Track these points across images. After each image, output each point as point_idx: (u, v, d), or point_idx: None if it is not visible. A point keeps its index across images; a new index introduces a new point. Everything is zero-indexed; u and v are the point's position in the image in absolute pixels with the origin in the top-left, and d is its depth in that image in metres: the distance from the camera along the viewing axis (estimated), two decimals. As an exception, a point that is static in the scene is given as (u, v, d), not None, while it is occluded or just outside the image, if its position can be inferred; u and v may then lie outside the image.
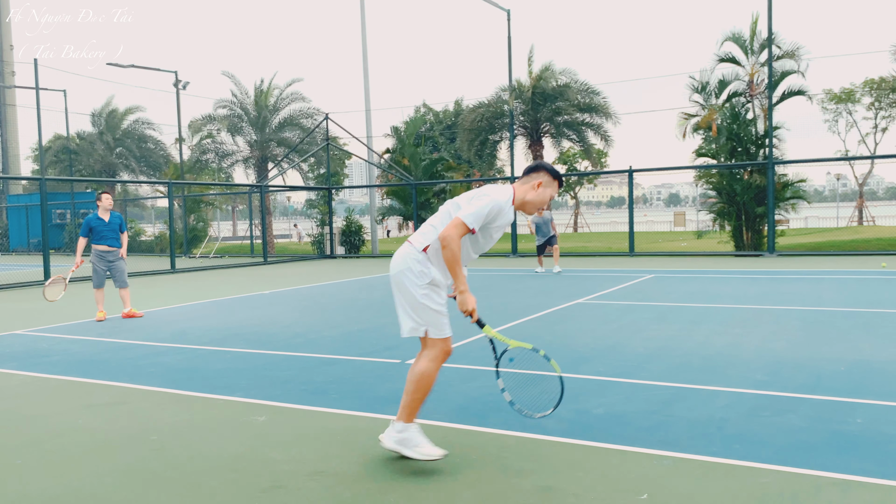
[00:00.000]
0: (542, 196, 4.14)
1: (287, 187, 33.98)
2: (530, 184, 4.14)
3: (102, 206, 10.59)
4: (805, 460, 3.93)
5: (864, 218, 42.80)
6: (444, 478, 3.86)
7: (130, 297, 11.45)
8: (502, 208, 3.99)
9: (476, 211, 3.91)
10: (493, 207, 3.95)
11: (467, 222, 3.89)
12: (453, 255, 3.87)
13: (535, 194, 4.13)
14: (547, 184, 4.14)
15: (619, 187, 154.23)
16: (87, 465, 4.22)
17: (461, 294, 3.94)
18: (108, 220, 10.57)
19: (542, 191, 4.13)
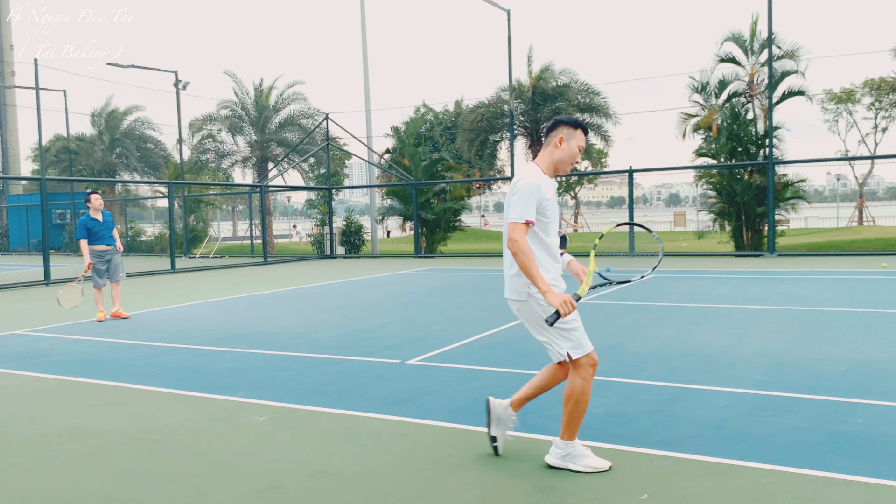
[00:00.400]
0: (569, 149, 3.95)
1: (287, 187, 33.99)
2: (552, 144, 3.98)
3: (93, 207, 10.58)
4: (805, 460, 3.93)
5: (864, 218, 42.77)
6: (444, 478, 3.87)
7: (121, 297, 11.40)
8: (538, 185, 3.83)
9: (520, 205, 3.79)
10: (530, 191, 3.80)
11: (519, 220, 3.77)
12: (526, 256, 3.72)
13: (561, 151, 3.96)
14: (569, 136, 3.96)
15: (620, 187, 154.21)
16: (87, 465, 4.22)
17: (545, 295, 3.73)
18: (102, 220, 10.61)
19: (566, 145, 3.96)
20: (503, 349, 7.31)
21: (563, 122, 3.99)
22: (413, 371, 6.43)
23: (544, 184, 3.88)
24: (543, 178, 3.90)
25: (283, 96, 32.79)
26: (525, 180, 3.84)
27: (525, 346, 7.42)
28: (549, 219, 3.91)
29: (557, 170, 4.01)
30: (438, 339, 8.01)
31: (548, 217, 3.90)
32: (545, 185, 3.88)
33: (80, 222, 10.50)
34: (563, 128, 3.97)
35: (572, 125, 3.97)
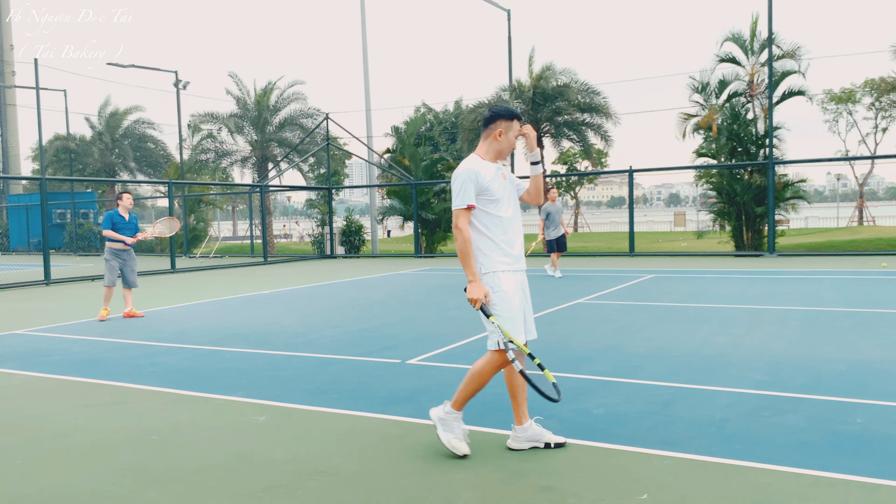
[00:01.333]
0: (508, 140, 4.22)
1: (287, 187, 33.98)
2: (492, 136, 4.22)
3: (123, 205, 10.75)
4: (805, 460, 3.93)
5: (864, 218, 42.77)
6: (444, 478, 3.87)
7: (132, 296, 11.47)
8: (475, 171, 4.10)
9: (458, 192, 4.09)
10: (465, 177, 4.09)
11: (461, 206, 4.08)
12: (463, 242, 4.06)
13: (500, 143, 4.22)
14: (507, 128, 4.21)
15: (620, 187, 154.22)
16: (87, 465, 4.22)
17: (470, 283, 4.06)
18: (127, 219, 10.73)
19: (505, 137, 4.21)
20: (503, 349, 7.30)
21: (502, 115, 4.21)
22: (413, 371, 6.43)
23: (482, 169, 4.14)
24: (482, 164, 4.17)
25: (284, 96, 32.78)
26: (460, 168, 4.15)
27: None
28: (495, 197, 4.15)
29: (499, 157, 4.28)
30: (438, 339, 8.01)
31: (494, 195, 4.14)
32: (483, 169, 4.14)
33: (108, 215, 10.64)
34: (502, 121, 4.21)
35: (509, 117, 4.21)
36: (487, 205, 4.13)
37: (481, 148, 4.27)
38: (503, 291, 4.10)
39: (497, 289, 4.10)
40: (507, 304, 4.11)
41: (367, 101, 26.91)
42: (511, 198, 4.26)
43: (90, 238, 33.82)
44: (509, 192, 4.25)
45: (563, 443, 4.29)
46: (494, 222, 4.15)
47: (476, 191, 4.09)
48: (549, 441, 4.26)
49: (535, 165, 4.30)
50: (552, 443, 4.26)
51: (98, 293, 14.34)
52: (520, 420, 4.28)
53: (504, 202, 4.19)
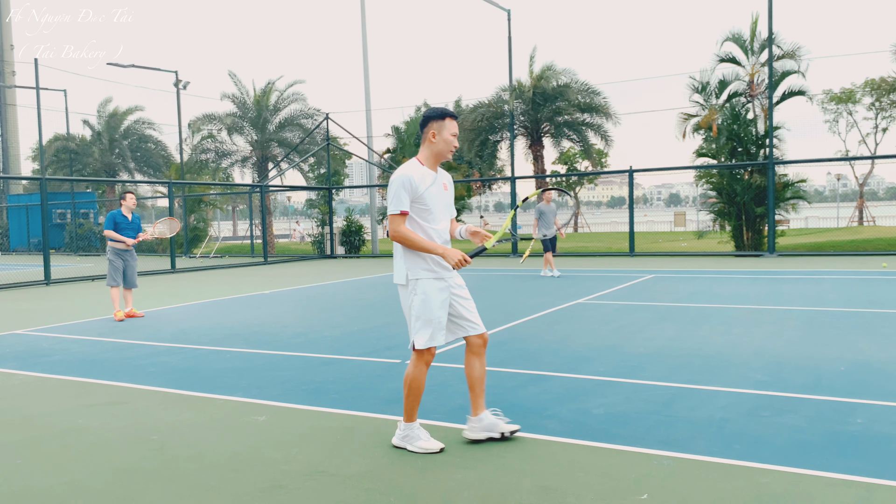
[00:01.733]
0: (443, 140, 4.24)
1: (287, 187, 33.98)
2: (427, 139, 4.28)
3: (126, 205, 10.76)
4: (805, 460, 3.93)
5: (864, 218, 42.76)
6: (445, 478, 3.87)
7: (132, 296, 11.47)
8: (409, 177, 4.16)
9: (393, 198, 4.16)
10: (399, 183, 4.16)
11: (395, 212, 4.16)
12: (408, 240, 4.15)
13: (436, 144, 4.26)
14: (439, 128, 4.24)
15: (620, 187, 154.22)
16: (87, 465, 4.22)
17: (443, 255, 4.11)
18: (130, 219, 10.75)
19: (439, 137, 4.24)
20: (503, 349, 7.31)
21: (432, 117, 4.27)
22: (413, 371, 6.43)
23: (417, 175, 4.19)
24: (419, 170, 4.22)
25: (284, 96, 32.79)
26: (396, 173, 4.20)
27: (525, 346, 7.42)
28: (427, 206, 4.22)
29: (440, 158, 4.31)
30: (438, 339, 8.00)
31: (426, 205, 4.22)
32: (419, 176, 4.19)
33: (111, 215, 10.65)
34: (433, 122, 4.25)
35: (439, 117, 4.25)
36: (419, 213, 4.22)
37: (422, 153, 4.32)
38: (423, 294, 4.21)
39: (417, 292, 4.22)
40: (426, 307, 4.20)
41: (367, 101, 26.91)
42: (445, 209, 4.35)
43: (90, 238, 33.82)
44: (444, 204, 4.34)
45: (517, 429, 4.44)
46: (425, 232, 4.24)
47: (410, 198, 4.16)
48: (503, 430, 4.38)
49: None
50: (506, 432, 4.38)
51: (98, 293, 14.35)
52: (476, 411, 4.41)
53: (437, 213, 4.28)
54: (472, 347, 4.38)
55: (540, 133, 26.22)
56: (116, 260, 10.68)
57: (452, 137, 4.26)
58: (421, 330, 4.21)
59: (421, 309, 4.21)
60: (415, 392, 4.26)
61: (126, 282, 10.77)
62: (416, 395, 4.26)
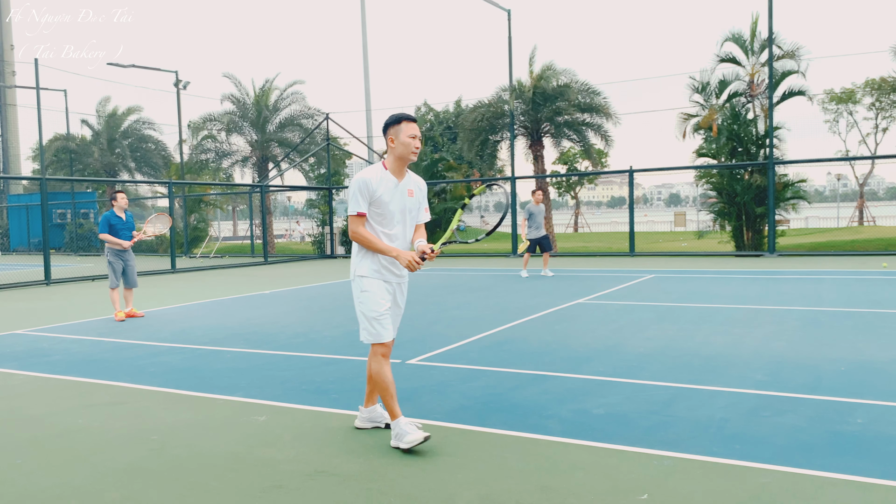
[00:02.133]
0: (403, 143, 4.34)
1: (287, 187, 33.97)
2: (388, 145, 4.40)
3: (118, 206, 10.72)
4: (805, 460, 3.93)
5: (864, 218, 42.75)
6: (444, 478, 3.87)
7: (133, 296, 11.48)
8: (366, 181, 4.29)
9: (351, 200, 4.33)
10: (357, 186, 4.31)
11: (352, 213, 4.32)
12: (365, 240, 4.31)
13: (396, 148, 4.36)
14: (396, 132, 4.35)
15: (620, 187, 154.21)
16: (87, 465, 4.22)
17: (397, 257, 4.25)
18: (125, 220, 10.72)
19: (398, 142, 4.35)
20: (503, 349, 7.31)
21: (388, 124, 4.39)
22: (413, 371, 6.43)
23: (375, 179, 4.32)
24: (379, 174, 4.35)
25: (283, 96, 32.77)
26: (355, 177, 4.35)
27: (525, 346, 7.42)
28: (382, 211, 4.35)
29: (403, 161, 4.40)
30: (438, 339, 8.01)
31: (381, 209, 4.35)
32: (377, 180, 4.33)
33: (105, 217, 10.59)
34: (391, 128, 4.38)
35: (395, 122, 4.37)
36: (374, 216, 4.37)
37: (387, 158, 4.45)
38: (368, 291, 4.37)
39: (364, 289, 4.37)
40: (370, 304, 4.35)
41: (367, 101, 26.92)
42: (406, 214, 4.44)
43: (90, 238, 33.82)
44: (405, 209, 4.43)
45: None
46: (382, 236, 4.38)
47: (366, 200, 4.31)
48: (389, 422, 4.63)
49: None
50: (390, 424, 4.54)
51: (98, 293, 14.35)
52: (368, 403, 4.75)
53: (392, 218, 4.38)
54: None
55: (540, 133, 26.19)
56: (116, 261, 10.66)
57: (411, 140, 4.33)
58: (364, 325, 4.38)
59: (365, 305, 4.37)
60: (381, 386, 4.33)
61: (126, 282, 10.77)
62: (383, 389, 4.33)
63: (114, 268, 10.65)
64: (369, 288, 4.37)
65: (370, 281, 4.37)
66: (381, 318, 4.36)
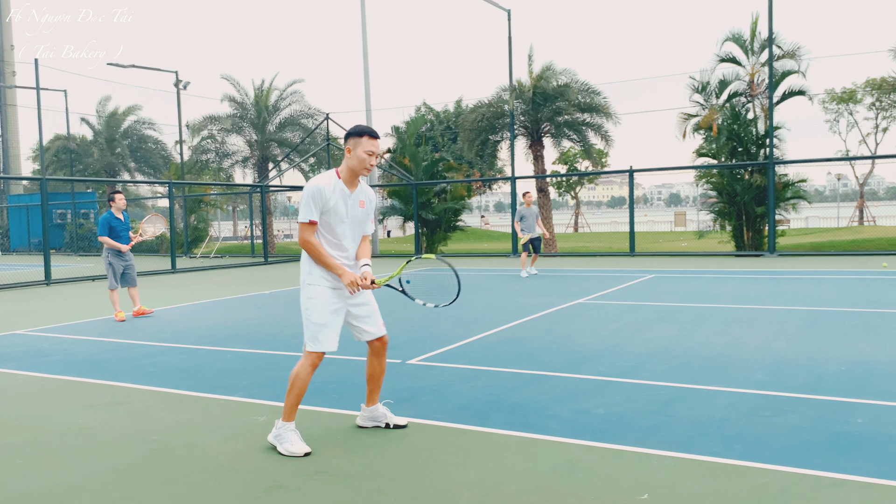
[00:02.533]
0: (357, 156, 4.35)
1: (287, 187, 33.97)
2: (345, 152, 4.41)
3: (116, 206, 10.68)
4: (805, 460, 3.93)
5: (864, 218, 42.77)
6: (445, 478, 3.87)
7: (124, 298, 11.48)
8: (320, 190, 4.30)
9: (302, 207, 4.34)
10: (309, 194, 4.31)
11: (303, 220, 4.33)
12: (313, 250, 4.34)
13: (351, 159, 4.37)
14: (354, 144, 4.36)
15: (620, 187, 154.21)
16: (87, 465, 4.22)
17: (340, 276, 4.32)
18: (123, 220, 10.71)
19: (354, 154, 4.36)
20: (503, 349, 7.31)
21: (350, 134, 4.40)
22: (413, 371, 6.44)
23: (329, 188, 4.33)
24: (332, 183, 4.35)
25: (283, 96, 32.77)
26: (308, 184, 4.36)
27: (525, 346, 7.42)
28: (332, 221, 4.37)
29: (356, 174, 4.42)
30: (438, 339, 8.01)
31: (331, 220, 4.37)
32: (330, 189, 4.33)
33: (104, 219, 10.56)
34: (351, 139, 4.40)
35: (357, 134, 4.38)
36: (324, 226, 4.39)
37: (342, 166, 4.46)
38: (315, 298, 4.38)
39: (311, 296, 4.39)
40: (316, 312, 4.36)
41: (367, 101, 26.92)
42: (356, 225, 4.47)
43: (90, 238, 33.81)
44: (356, 220, 4.45)
45: (405, 424, 4.73)
46: (329, 244, 4.41)
47: (318, 209, 4.32)
48: (390, 422, 4.71)
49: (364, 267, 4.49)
50: (392, 423, 4.71)
51: (99, 293, 14.35)
52: (369, 402, 4.77)
53: (342, 228, 4.40)
54: (372, 349, 4.66)
55: (540, 133, 26.19)
56: (116, 263, 10.64)
57: (367, 156, 4.35)
58: (308, 332, 4.40)
59: (309, 312, 4.39)
60: (297, 389, 4.35)
61: (126, 281, 10.75)
62: (297, 392, 4.35)
63: (113, 269, 10.62)
64: (316, 295, 4.38)
65: (318, 289, 4.39)
66: (326, 327, 4.37)
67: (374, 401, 4.76)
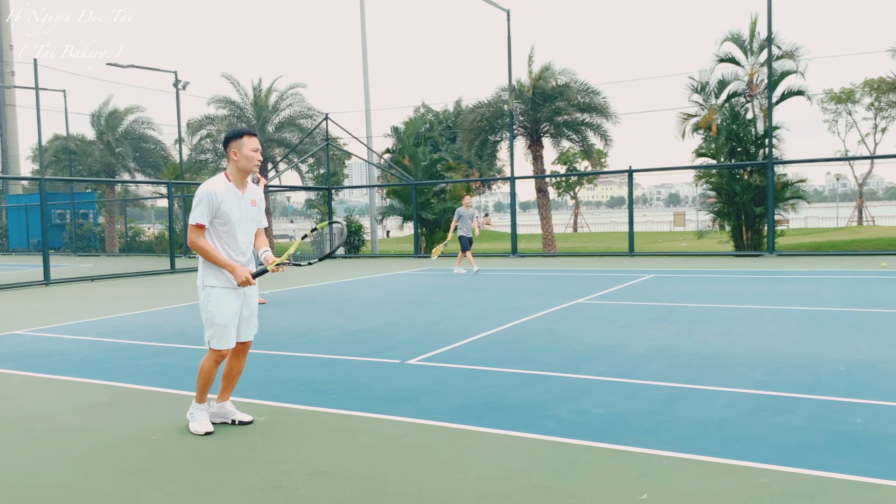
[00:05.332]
0: (244, 156, 4.57)
1: (287, 187, 33.98)
2: (230, 158, 4.62)
3: None
4: (805, 460, 3.93)
5: (863, 218, 42.79)
6: (444, 478, 3.87)
7: (125, 296, 11.49)
8: (213, 192, 4.50)
9: (195, 210, 4.52)
10: (202, 197, 4.50)
11: (192, 222, 4.53)
12: (202, 251, 4.54)
13: (238, 161, 4.59)
14: (237, 146, 4.58)
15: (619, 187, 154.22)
16: (87, 465, 4.22)
17: (231, 271, 4.54)
18: None
19: (240, 155, 4.58)
20: (503, 349, 7.31)
21: (229, 139, 4.62)
22: (413, 371, 6.44)
23: (221, 192, 4.53)
24: (224, 187, 4.56)
25: (283, 97, 32.77)
26: (202, 187, 4.54)
27: (525, 346, 7.42)
28: (225, 221, 4.57)
29: (246, 173, 4.65)
30: (438, 339, 8.01)
31: (225, 221, 4.57)
32: (222, 192, 4.53)
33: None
34: (232, 142, 4.60)
35: (236, 136, 4.61)
36: (220, 226, 4.59)
37: (228, 169, 4.65)
38: (216, 302, 4.60)
39: (211, 299, 4.61)
40: (216, 313, 4.60)
41: (366, 102, 26.92)
42: (249, 223, 4.71)
43: (90, 238, 33.81)
44: (249, 218, 4.69)
45: (250, 420, 4.94)
46: (224, 243, 4.62)
47: (211, 212, 4.52)
48: (236, 418, 4.92)
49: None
50: (237, 420, 4.91)
51: (99, 293, 14.35)
52: (220, 399, 4.96)
53: (236, 228, 4.62)
54: (236, 350, 4.85)
55: (539, 133, 26.18)
56: None
57: (253, 153, 4.57)
58: (210, 332, 4.65)
59: (211, 314, 4.61)
60: (203, 379, 4.72)
61: None
62: (204, 382, 4.73)
63: None
64: (216, 298, 4.60)
65: (217, 290, 4.60)
66: (228, 327, 4.63)
67: (225, 398, 4.97)
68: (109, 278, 18.24)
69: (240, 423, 4.92)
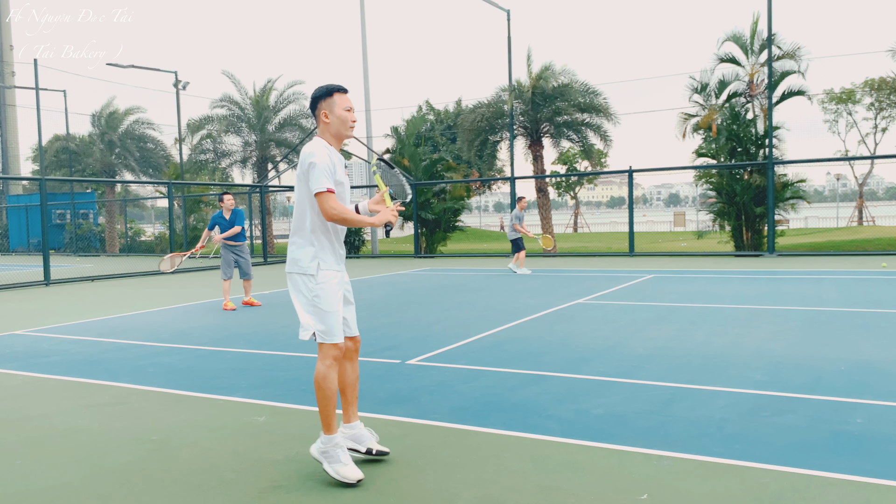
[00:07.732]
0: (337, 116, 3.95)
1: (287, 187, 33.96)
2: (321, 121, 3.97)
3: (225, 207, 11.75)
4: (805, 460, 3.93)
5: (863, 218, 42.78)
6: (444, 478, 3.87)
7: (121, 295, 11.55)
8: (328, 155, 3.88)
9: (321, 177, 3.80)
10: (320, 161, 3.82)
11: (319, 189, 3.79)
12: (344, 215, 3.82)
13: (331, 123, 3.95)
14: (328, 105, 3.94)
15: (619, 187, 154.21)
16: (87, 465, 4.22)
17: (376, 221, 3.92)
18: (229, 219, 11.66)
19: (332, 116, 3.94)
20: (503, 349, 7.31)
21: (318, 97, 3.96)
22: (413, 371, 6.44)
23: (331, 155, 3.90)
24: (329, 149, 3.92)
25: (283, 96, 32.77)
26: (310, 153, 3.85)
27: (525, 346, 7.42)
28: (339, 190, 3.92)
29: (340, 140, 4.00)
30: (438, 339, 8.01)
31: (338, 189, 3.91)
32: (331, 155, 3.91)
33: (213, 217, 11.77)
34: (321, 102, 3.96)
35: (326, 95, 3.95)
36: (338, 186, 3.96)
37: (323, 134, 4.00)
38: (325, 285, 3.88)
39: (320, 281, 3.88)
40: (330, 297, 3.87)
41: (366, 102, 26.92)
42: (348, 192, 4.08)
43: (90, 238, 33.80)
44: (347, 187, 4.07)
45: (386, 452, 4.14)
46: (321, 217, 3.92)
47: (330, 175, 3.86)
48: (371, 448, 4.10)
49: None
50: (374, 450, 4.10)
51: (99, 293, 14.36)
52: (347, 419, 4.14)
53: (346, 194, 4.03)
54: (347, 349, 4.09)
55: (539, 133, 26.18)
56: (227, 254, 11.77)
57: (346, 113, 3.95)
58: (318, 323, 3.87)
59: (322, 301, 3.86)
60: (324, 393, 3.84)
61: (241, 274, 11.96)
62: (325, 396, 3.84)
63: (226, 259, 11.75)
64: (324, 280, 3.87)
65: (326, 274, 3.89)
66: (338, 315, 3.90)
67: (354, 417, 4.14)
68: (110, 278, 18.24)
69: (378, 454, 4.10)
